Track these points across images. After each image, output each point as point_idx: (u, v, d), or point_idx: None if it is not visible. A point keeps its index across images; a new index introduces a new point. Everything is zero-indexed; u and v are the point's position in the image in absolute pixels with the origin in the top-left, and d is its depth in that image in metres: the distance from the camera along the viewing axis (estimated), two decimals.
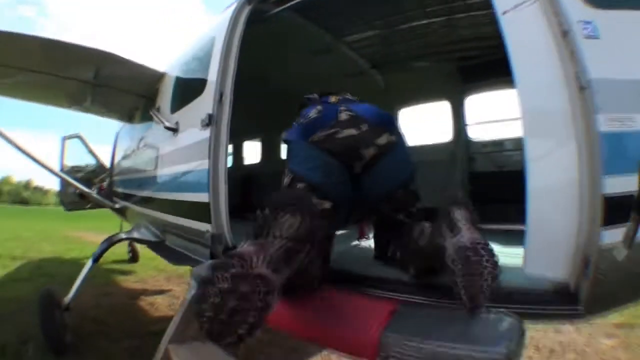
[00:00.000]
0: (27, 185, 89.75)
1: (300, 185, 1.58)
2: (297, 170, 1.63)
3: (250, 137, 7.37)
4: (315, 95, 1.98)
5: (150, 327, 3.52)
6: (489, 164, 4.18)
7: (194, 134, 2.43)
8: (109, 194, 5.31)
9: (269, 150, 6.84)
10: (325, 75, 4.80)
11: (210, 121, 2.21)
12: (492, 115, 4.24)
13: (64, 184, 5.56)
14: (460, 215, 1.32)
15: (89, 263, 3.75)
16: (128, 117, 4.81)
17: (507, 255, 1.46)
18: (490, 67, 3.79)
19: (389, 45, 4.19)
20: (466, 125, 4.35)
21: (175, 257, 2.68)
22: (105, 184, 5.64)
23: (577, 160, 1.26)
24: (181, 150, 2.74)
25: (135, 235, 3.95)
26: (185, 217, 2.57)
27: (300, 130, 1.73)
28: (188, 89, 2.87)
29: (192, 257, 2.38)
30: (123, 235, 4.06)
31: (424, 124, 5.02)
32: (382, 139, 1.65)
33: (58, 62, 3.31)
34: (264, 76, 4.83)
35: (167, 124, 2.82)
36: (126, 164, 4.74)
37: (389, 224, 1.75)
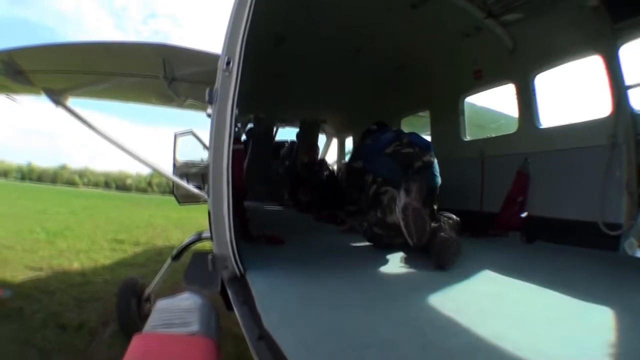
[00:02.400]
0: None
1: (378, 179, 2.68)
2: (377, 171, 2.73)
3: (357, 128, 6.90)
4: (375, 127, 3.39)
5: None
6: None
7: None
8: None
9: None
10: (430, 36, 4.02)
11: (212, 99, 1.74)
12: None
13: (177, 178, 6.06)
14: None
15: (168, 261, 3.89)
16: None
17: None
18: None
19: None
20: (628, 88, 2.89)
21: (196, 273, 2.34)
22: None
23: None
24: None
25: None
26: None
27: (378, 146, 2.85)
28: None
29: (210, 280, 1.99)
30: (204, 235, 4.06)
31: (567, 93, 3.69)
32: (426, 157, 2.73)
33: (128, 63, 3.45)
34: (351, 44, 4.29)
35: (209, 111, 2.53)
36: None
37: None
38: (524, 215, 3.48)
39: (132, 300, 3.44)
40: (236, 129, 7.59)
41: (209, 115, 2.46)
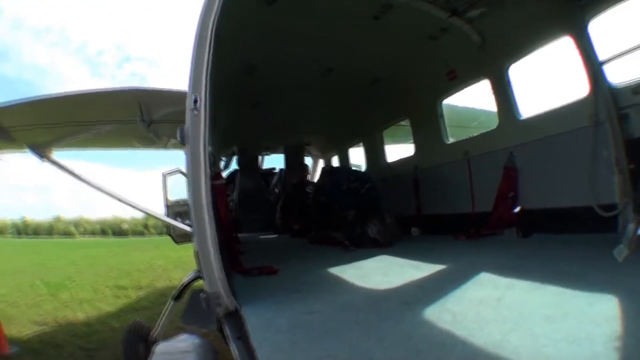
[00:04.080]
0: None
1: (343, 206, 4.51)
2: (342, 203, 4.53)
3: (353, 143, 6.92)
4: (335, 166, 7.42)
5: None
6: None
7: None
8: None
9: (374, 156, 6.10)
10: (397, 45, 4.07)
11: (183, 138, 1.76)
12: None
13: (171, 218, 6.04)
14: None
15: (170, 302, 3.83)
16: None
17: None
18: None
19: None
20: (602, 64, 2.87)
21: (195, 312, 2.30)
22: None
23: None
24: None
25: None
26: None
27: (337, 185, 4.79)
28: None
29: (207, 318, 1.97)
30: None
31: (542, 80, 3.72)
32: (367, 185, 4.69)
33: (105, 110, 3.49)
34: (322, 64, 4.37)
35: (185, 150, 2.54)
36: None
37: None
38: (516, 210, 3.47)
39: (139, 345, 3.40)
40: (222, 164, 7.61)
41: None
